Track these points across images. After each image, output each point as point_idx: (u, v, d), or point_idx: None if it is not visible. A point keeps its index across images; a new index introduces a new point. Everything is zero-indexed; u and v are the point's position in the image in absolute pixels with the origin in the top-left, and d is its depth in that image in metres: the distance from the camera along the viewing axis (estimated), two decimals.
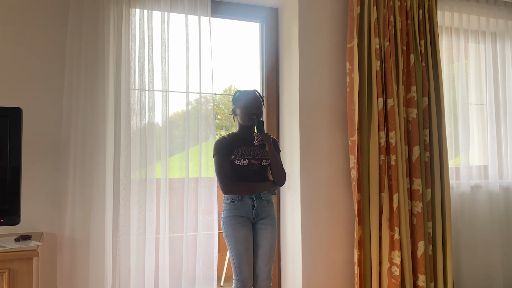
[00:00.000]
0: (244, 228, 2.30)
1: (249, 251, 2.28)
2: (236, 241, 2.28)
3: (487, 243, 3.36)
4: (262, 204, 2.36)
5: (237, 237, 2.28)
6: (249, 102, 2.36)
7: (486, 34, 3.54)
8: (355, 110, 2.83)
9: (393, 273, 2.80)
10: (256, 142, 2.29)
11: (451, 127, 3.39)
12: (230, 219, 2.32)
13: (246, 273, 2.25)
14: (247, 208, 2.33)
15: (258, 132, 2.31)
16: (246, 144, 2.38)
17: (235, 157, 2.33)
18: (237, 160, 2.32)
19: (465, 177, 3.34)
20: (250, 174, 2.34)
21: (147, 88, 2.56)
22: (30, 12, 2.44)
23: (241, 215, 2.32)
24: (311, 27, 2.94)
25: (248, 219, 2.34)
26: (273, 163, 2.35)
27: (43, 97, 2.44)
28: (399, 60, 2.97)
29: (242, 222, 2.32)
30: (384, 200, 2.83)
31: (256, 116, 2.35)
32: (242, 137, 2.41)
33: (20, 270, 1.92)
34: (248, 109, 2.35)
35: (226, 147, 2.35)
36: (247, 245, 2.28)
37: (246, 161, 2.32)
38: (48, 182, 2.42)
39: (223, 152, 2.33)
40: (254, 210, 2.34)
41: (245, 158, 2.33)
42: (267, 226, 2.36)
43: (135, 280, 2.48)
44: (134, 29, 2.56)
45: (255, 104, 2.37)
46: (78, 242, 2.39)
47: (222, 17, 3.06)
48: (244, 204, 2.33)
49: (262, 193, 2.37)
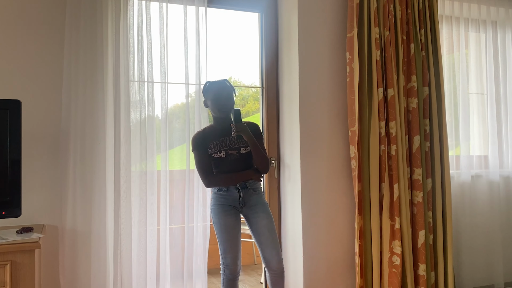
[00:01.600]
0: (229, 217, 2.36)
1: (234, 238, 2.35)
2: (221, 229, 2.35)
3: (487, 232, 3.37)
4: (249, 193, 2.39)
5: (222, 225, 2.34)
6: (218, 93, 2.35)
7: (486, 23, 3.52)
8: (355, 100, 2.82)
9: (393, 262, 2.81)
10: (233, 134, 2.29)
11: (452, 116, 3.38)
12: (216, 207, 2.38)
13: (229, 259, 2.34)
14: (234, 197, 2.37)
15: (236, 122, 2.30)
16: (221, 135, 2.38)
17: (211, 150, 2.35)
18: (214, 153, 2.35)
19: (466, 167, 3.35)
20: (229, 164, 2.36)
21: (146, 80, 2.56)
22: (28, 4, 2.43)
23: (228, 204, 2.37)
24: (310, 17, 2.92)
25: (235, 208, 2.38)
26: (253, 151, 2.33)
27: (42, 90, 2.43)
28: (399, 50, 2.95)
29: (229, 210, 2.37)
30: (384, 190, 2.83)
31: (225, 108, 2.34)
32: (217, 129, 2.41)
33: (22, 262, 1.92)
34: (217, 101, 2.34)
35: (202, 141, 2.36)
36: (232, 233, 2.34)
37: (223, 153, 2.35)
38: (49, 175, 2.42)
39: (200, 147, 2.35)
40: (241, 199, 2.37)
41: (221, 150, 2.35)
42: (259, 214, 2.38)
43: (137, 271, 2.50)
44: (133, 21, 2.55)
45: (224, 94, 2.35)
46: (80, 234, 2.40)
47: (221, 7, 3.04)
48: (231, 194, 2.37)
49: (249, 182, 2.39)
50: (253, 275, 3.92)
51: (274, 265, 2.35)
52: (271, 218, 2.40)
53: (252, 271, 4.00)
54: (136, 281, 2.49)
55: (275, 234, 2.39)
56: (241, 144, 2.37)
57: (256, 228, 2.38)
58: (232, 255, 2.33)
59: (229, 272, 2.34)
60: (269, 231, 2.37)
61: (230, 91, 2.38)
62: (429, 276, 2.94)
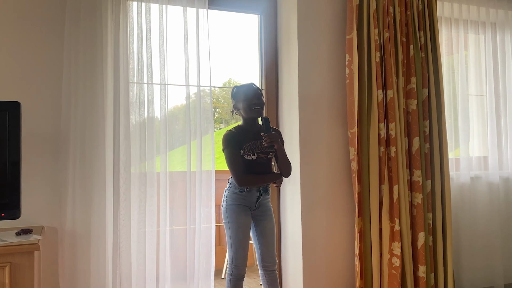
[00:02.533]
0: (246, 217, 2.40)
1: (246, 238, 2.38)
2: (237, 228, 2.37)
3: (487, 233, 3.36)
4: (264, 197, 2.45)
5: (239, 223, 2.37)
6: (250, 93, 2.38)
7: (486, 24, 3.53)
8: (354, 102, 2.82)
9: (393, 264, 2.81)
10: (265, 143, 2.33)
11: (451, 118, 3.38)
12: (235, 207, 2.39)
13: (240, 259, 2.35)
14: (253, 199, 2.41)
15: (266, 132, 2.34)
16: (253, 138, 2.42)
17: (244, 152, 2.38)
18: (247, 155, 2.38)
19: (465, 168, 3.34)
20: (257, 167, 2.41)
21: (146, 81, 2.56)
22: (27, 6, 2.43)
23: (245, 205, 2.40)
24: (310, 18, 2.93)
25: (250, 209, 2.42)
26: (280, 157, 2.42)
27: (41, 91, 2.43)
28: (399, 51, 2.96)
29: (245, 211, 2.40)
30: (384, 191, 2.83)
31: (258, 106, 2.37)
32: (248, 130, 2.44)
33: (21, 264, 1.92)
34: (249, 101, 2.37)
35: (236, 140, 2.39)
36: (246, 233, 2.38)
37: (255, 156, 2.39)
38: (48, 176, 2.42)
39: (233, 146, 2.37)
40: (258, 202, 2.42)
41: (254, 153, 2.39)
42: (268, 217, 2.46)
43: (136, 273, 2.49)
44: (132, 22, 2.55)
45: (256, 95, 2.39)
46: (79, 236, 2.39)
47: (221, 9, 3.04)
48: (251, 195, 2.40)
49: (268, 186, 2.47)
50: (253, 276, 3.92)
51: (271, 266, 2.43)
52: (274, 222, 2.49)
53: (252, 272, 3.99)
54: (136, 283, 2.49)
55: (275, 238, 2.47)
56: (270, 149, 2.42)
57: (262, 230, 2.44)
58: (244, 256, 2.37)
59: (238, 272, 2.36)
60: (272, 235, 2.45)
61: (259, 90, 2.43)
62: (428, 278, 2.94)
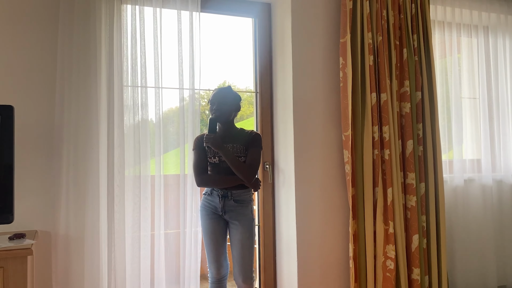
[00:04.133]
0: (211, 221, 2.40)
1: (213, 242, 2.38)
2: (204, 232, 2.42)
3: (480, 235, 3.38)
4: (229, 203, 2.38)
5: (204, 228, 2.42)
6: (212, 98, 2.42)
7: (478, 28, 3.55)
8: (348, 105, 2.83)
9: (387, 266, 2.82)
10: (204, 145, 2.36)
11: (444, 121, 3.40)
12: (201, 210, 2.45)
13: (210, 263, 2.40)
14: (215, 203, 2.41)
15: (209, 132, 2.35)
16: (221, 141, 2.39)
17: (208, 154, 2.41)
18: (209, 157, 2.41)
19: (459, 171, 3.36)
20: (222, 170, 2.38)
21: (140, 84, 2.55)
22: (21, 9, 2.42)
23: (211, 209, 2.42)
24: (304, 22, 2.94)
25: (218, 213, 2.41)
26: (229, 163, 2.32)
27: (35, 95, 2.42)
28: (392, 55, 2.97)
29: (211, 214, 2.41)
30: (378, 194, 2.84)
31: (214, 112, 2.39)
32: (219, 134, 2.45)
33: (14, 269, 1.91)
34: (211, 104, 2.42)
35: (201, 142, 2.43)
36: (211, 237, 2.39)
37: (216, 159, 2.39)
38: (41, 180, 2.41)
39: (198, 147, 2.42)
40: (221, 208, 2.39)
41: (215, 156, 2.39)
42: (237, 227, 2.37)
43: (131, 277, 2.48)
44: (126, 25, 2.55)
45: (216, 99, 2.39)
46: (73, 240, 2.38)
47: (215, 13, 3.05)
48: (214, 199, 2.41)
49: (231, 192, 2.37)
50: None
51: (239, 282, 2.36)
52: (249, 234, 2.36)
53: None
54: (130, 286, 2.48)
55: (249, 251, 2.35)
56: (239, 154, 2.38)
57: (232, 240, 2.41)
58: (214, 258, 2.38)
59: (212, 276, 2.41)
60: (243, 246, 2.34)
61: (224, 94, 2.39)
62: (423, 280, 2.95)
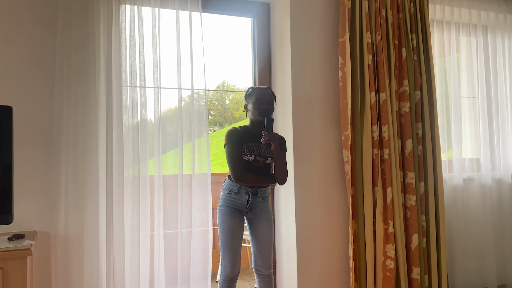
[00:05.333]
0: (234, 219, 2.39)
1: (234, 241, 2.38)
2: (224, 229, 2.38)
3: (480, 234, 3.38)
4: (257, 200, 2.43)
5: (226, 225, 2.38)
6: (260, 97, 2.40)
7: (477, 27, 3.56)
8: (348, 105, 2.83)
9: (387, 266, 2.82)
10: (263, 141, 2.34)
11: (444, 120, 3.41)
12: (224, 208, 2.41)
13: (227, 261, 2.36)
14: (242, 201, 2.40)
15: (267, 130, 2.35)
16: (254, 140, 2.42)
17: (243, 151, 2.39)
18: (244, 155, 2.39)
19: (458, 170, 3.36)
20: (254, 169, 2.41)
21: (139, 85, 2.55)
22: (19, 9, 2.42)
23: (235, 207, 2.41)
24: (302, 21, 2.94)
25: (241, 211, 2.42)
26: (277, 163, 2.40)
27: (34, 95, 2.42)
28: (391, 54, 2.97)
29: (234, 213, 2.40)
30: (377, 193, 2.84)
31: (265, 111, 2.38)
32: (252, 132, 2.45)
33: (13, 270, 1.91)
34: (258, 104, 2.39)
35: (237, 138, 2.40)
36: (233, 235, 2.37)
37: (252, 157, 2.39)
38: (40, 181, 2.40)
39: (235, 142, 2.39)
40: (248, 205, 2.41)
41: (252, 154, 2.39)
42: (262, 221, 2.44)
43: (130, 277, 2.48)
44: (125, 26, 2.54)
45: (266, 99, 2.40)
46: (72, 240, 2.38)
47: (214, 13, 3.04)
48: (240, 197, 2.40)
49: (259, 189, 2.44)
50: (247, 279, 3.91)
51: (264, 271, 2.43)
52: (271, 228, 2.47)
53: (247, 275, 3.99)
54: (130, 287, 2.47)
55: (271, 243, 2.45)
56: (269, 154, 2.43)
57: (256, 233, 2.44)
58: (230, 257, 2.36)
59: (225, 274, 2.37)
60: (266, 239, 2.43)
61: (271, 97, 2.44)
62: (422, 280, 2.95)
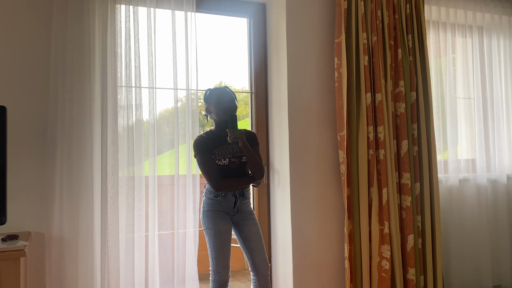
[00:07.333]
0: (223, 223, 2.38)
1: (225, 244, 2.36)
2: (215, 234, 2.35)
3: (475, 235, 3.39)
4: (243, 202, 2.43)
5: (216, 230, 2.35)
6: (221, 96, 2.39)
7: (473, 28, 3.57)
8: (343, 105, 2.83)
9: (383, 267, 2.82)
10: (229, 140, 2.30)
11: (439, 121, 3.41)
12: (211, 213, 2.38)
13: (221, 266, 2.34)
14: (229, 204, 2.40)
15: (231, 128, 2.31)
16: (224, 142, 2.41)
17: (215, 156, 2.37)
18: (218, 160, 2.37)
19: (454, 171, 3.37)
20: (231, 172, 2.39)
21: (134, 85, 2.54)
22: (14, 9, 2.41)
23: (222, 210, 2.39)
24: (298, 22, 2.94)
25: (228, 214, 2.41)
26: (248, 159, 2.36)
27: (28, 95, 2.41)
28: (387, 55, 2.98)
29: (222, 216, 2.39)
30: (373, 194, 2.84)
31: (230, 110, 2.36)
32: (219, 135, 2.43)
33: (7, 270, 1.90)
34: (221, 104, 2.38)
35: (205, 145, 2.37)
36: (224, 238, 2.36)
37: (226, 160, 2.38)
38: (35, 181, 2.39)
39: (204, 151, 2.36)
40: (236, 207, 2.41)
41: (225, 157, 2.38)
42: (249, 221, 2.44)
43: (125, 278, 2.47)
44: (120, 26, 2.54)
45: (227, 98, 2.39)
46: (67, 241, 2.37)
47: (210, 13, 3.04)
48: (227, 200, 2.39)
49: (245, 190, 2.44)
50: (243, 280, 3.91)
51: (264, 270, 2.41)
52: (258, 225, 2.48)
53: (242, 276, 3.98)
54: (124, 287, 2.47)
55: (263, 241, 2.45)
56: (238, 153, 2.40)
57: (247, 235, 2.42)
58: (224, 262, 2.34)
59: (220, 279, 2.35)
60: (258, 238, 2.43)
61: (232, 95, 2.43)
62: (418, 280, 2.95)
